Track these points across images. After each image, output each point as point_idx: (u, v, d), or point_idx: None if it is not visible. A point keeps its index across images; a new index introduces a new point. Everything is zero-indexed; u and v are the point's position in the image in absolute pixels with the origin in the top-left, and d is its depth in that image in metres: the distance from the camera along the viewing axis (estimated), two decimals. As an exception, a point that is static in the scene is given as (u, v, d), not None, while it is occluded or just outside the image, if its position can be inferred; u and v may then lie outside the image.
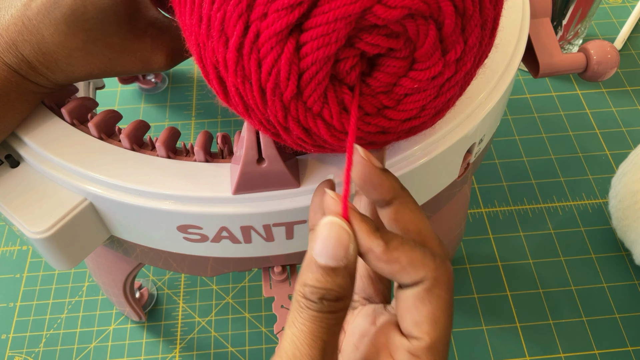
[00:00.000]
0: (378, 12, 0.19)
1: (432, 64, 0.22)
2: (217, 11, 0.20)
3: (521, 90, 0.64)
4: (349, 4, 0.19)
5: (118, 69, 0.29)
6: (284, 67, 0.20)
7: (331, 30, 0.19)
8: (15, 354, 0.48)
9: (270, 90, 0.21)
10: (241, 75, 0.21)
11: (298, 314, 0.19)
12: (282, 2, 0.19)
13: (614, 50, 0.37)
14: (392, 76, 0.22)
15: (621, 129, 0.61)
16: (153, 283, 0.51)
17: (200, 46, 0.22)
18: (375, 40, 0.21)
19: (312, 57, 0.20)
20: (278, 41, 0.20)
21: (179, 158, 0.30)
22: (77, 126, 0.31)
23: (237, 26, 0.20)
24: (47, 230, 0.28)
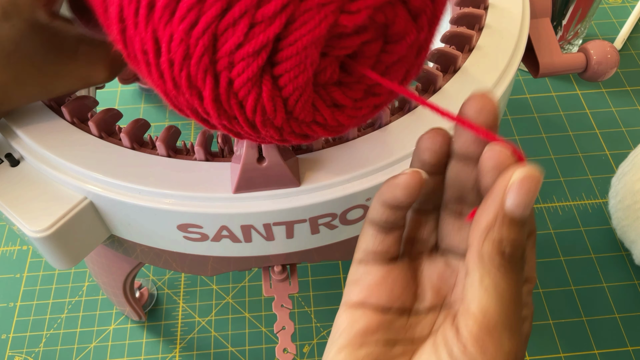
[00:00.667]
0: (344, 22, 0.18)
1: (405, 34, 0.21)
2: (179, 71, 0.19)
3: (521, 90, 0.64)
4: (313, 29, 0.18)
5: (58, 91, 0.29)
6: (267, 103, 0.20)
7: (303, 58, 0.19)
8: (16, 353, 0.48)
9: (260, 123, 0.21)
10: (225, 117, 0.21)
11: (502, 275, 0.19)
12: (246, 51, 0.18)
13: (613, 50, 0.37)
14: (370, 59, 0.22)
15: (621, 129, 0.61)
16: (153, 283, 0.51)
17: (171, 96, 0.21)
18: (348, 43, 0.20)
19: (291, 85, 0.19)
20: (254, 84, 0.19)
21: (180, 157, 0.30)
22: (77, 125, 0.31)
23: (206, 81, 0.19)
24: (47, 229, 0.28)
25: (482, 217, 0.19)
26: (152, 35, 0.19)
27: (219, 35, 0.18)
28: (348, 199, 0.29)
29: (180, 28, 0.18)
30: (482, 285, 0.19)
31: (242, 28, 0.18)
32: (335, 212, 0.29)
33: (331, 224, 0.31)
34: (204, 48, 0.18)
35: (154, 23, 0.19)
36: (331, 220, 0.30)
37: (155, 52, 0.20)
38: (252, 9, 0.18)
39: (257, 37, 0.18)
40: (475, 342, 0.19)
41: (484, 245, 0.19)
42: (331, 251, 0.33)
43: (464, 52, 0.33)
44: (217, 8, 0.18)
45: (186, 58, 0.19)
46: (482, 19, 0.34)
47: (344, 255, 0.34)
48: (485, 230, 0.19)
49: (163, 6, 0.18)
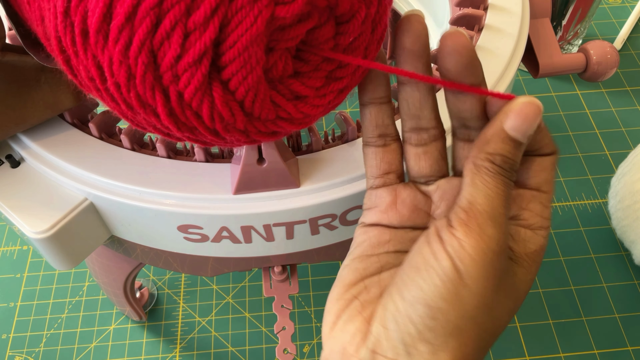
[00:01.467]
0: (281, 14, 0.18)
1: (355, 11, 0.21)
2: (128, 92, 0.19)
3: (521, 90, 0.64)
4: (250, 27, 0.18)
5: (29, 121, 0.29)
6: (222, 109, 0.19)
7: (247, 58, 0.18)
8: (16, 353, 0.48)
9: (222, 130, 0.20)
10: (186, 129, 0.20)
11: (490, 178, 0.21)
12: (186, 61, 0.18)
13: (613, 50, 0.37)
14: (326, 43, 0.21)
15: (621, 129, 0.61)
16: (153, 283, 0.51)
17: (130, 117, 0.21)
18: (292, 34, 0.20)
19: (242, 87, 0.19)
20: (204, 93, 0.19)
21: (180, 158, 0.30)
22: (78, 126, 0.31)
23: (156, 97, 0.19)
24: (48, 230, 0.28)
25: (482, 135, 0.22)
26: (94, 61, 0.19)
27: (156, 50, 0.18)
28: (348, 199, 0.29)
29: (117, 50, 0.18)
30: (473, 183, 0.22)
31: (177, 39, 0.18)
32: (335, 212, 0.30)
33: (331, 225, 0.31)
34: (145, 66, 0.18)
35: (92, 49, 0.19)
36: (331, 221, 0.30)
37: (100, 77, 0.19)
38: (182, 19, 0.17)
39: (194, 46, 0.18)
40: (461, 226, 0.21)
41: (479, 155, 0.22)
42: (331, 251, 0.33)
43: (464, 52, 0.33)
44: (147, 24, 0.17)
45: (130, 78, 0.19)
46: (481, 20, 0.34)
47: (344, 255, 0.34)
48: (482, 143, 0.22)
49: (95, 31, 0.18)
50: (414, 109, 0.24)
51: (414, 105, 0.24)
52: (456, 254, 0.20)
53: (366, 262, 0.24)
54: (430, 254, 0.21)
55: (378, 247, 0.25)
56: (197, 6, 0.17)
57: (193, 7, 0.17)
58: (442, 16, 0.43)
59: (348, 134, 0.30)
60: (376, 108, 0.25)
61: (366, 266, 0.24)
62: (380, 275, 0.24)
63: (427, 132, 0.25)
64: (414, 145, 0.25)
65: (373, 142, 0.25)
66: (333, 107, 0.24)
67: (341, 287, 0.24)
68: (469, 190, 0.22)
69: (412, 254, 0.22)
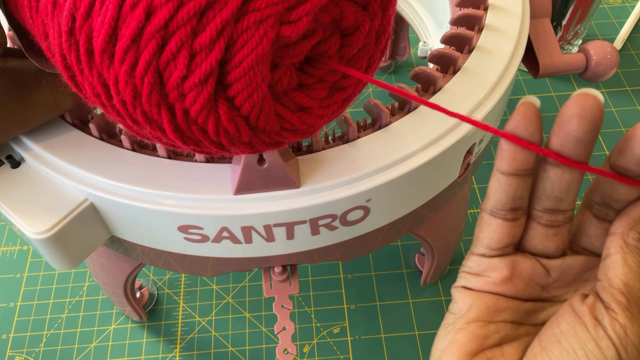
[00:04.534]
0: (287, 34, 0.18)
1: (359, 24, 0.21)
2: (134, 109, 0.19)
3: (521, 90, 0.64)
4: (256, 47, 0.18)
5: (30, 124, 0.29)
6: (228, 124, 0.19)
7: (252, 76, 0.18)
8: (16, 353, 0.48)
9: (228, 143, 0.20)
10: (191, 143, 0.20)
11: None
12: (192, 81, 0.18)
13: (613, 50, 0.37)
14: (332, 57, 0.21)
15: (621, 129, 0.61)
16: (153, 283, 0.51)
17: (135, 130, 0.21)
18: (297, 50, 0.20)
19: (248, 104, 0.19)
20: (209, 110, 0.19)
21: (180, 158, 0.30)
22: (79, 127, 0.31)
23: (162, 114, 0.19)
24: (48, 231, 0.28)
25: (631, 212, 0.21)
26: (99, 79, 0.19)
27: (162, 70, 0.18)
28: (348, 200, 0.29)
29: (122, 70, 0.18)
30: (626, 263, 0.20)
31: (183, 60, 0.18)
32: (335, 213, 0.30)
33: (331, 225, 0.31)
34: (151, 85, 0.18)
35: (97, 68, 0.19)
36: (331, 222, 0.30)
37: (106, 94, 0.19)
38: (188, 40, 0.17)
39: (200, 67, 0.18)
40: (623, 310, 0.20)
41: (630, 233, 0.21)
42: (331, 251, 0.33)
43: (464, 52, 0.33)
44: (153, 46, 0.17)
45: (136, 97, 0.19)
46: (482, 20, 0.34)
47: (344, 256, 0.34)
48: (633, 222, 0.21)
49: (101, 51, 0.18)
50: (559, 191, 0.22)
51: (560, 188, 0.22)
52: (621, 342, 0.19)
53: (485, 330, 0.23)
54: (590, 339, 0.20)
55: (496, 315, 0.23)
56: (203, 28, 0.17)
57: (199, 29, 0.17)
58: (443, 16, 0.43)
59: (348, 135, 0.30)
60: (519, 180, 0.22)
61: (486, 334, 0.23)
62: (502, 348, 0.22)
63: (564, 214, 0.23)
64: (543, 225, 0.23)
65: (503, 215, 0.23)
66: (336, 116, 0.24)
67: (461, 354, 0.22)
68: (622, 270, 0.20)
69: (561, 336, 0.21)
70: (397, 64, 0.67)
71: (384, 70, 0.66)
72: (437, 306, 0.50)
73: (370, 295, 0.50)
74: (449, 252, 0.47)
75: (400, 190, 0.30)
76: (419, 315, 0.49)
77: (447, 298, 0.50)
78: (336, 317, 0.49)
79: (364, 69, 0.23)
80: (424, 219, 0.36)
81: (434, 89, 0.31)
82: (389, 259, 0.52)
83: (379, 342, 0.47)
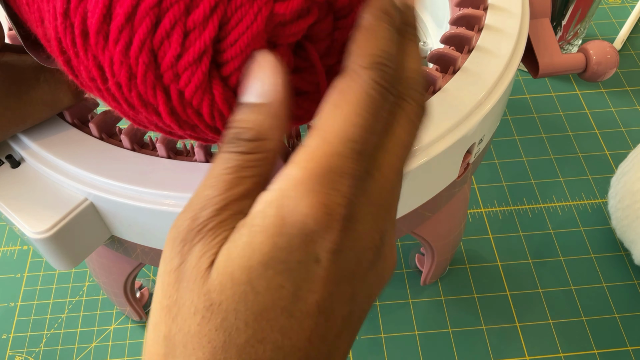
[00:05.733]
0: (281, 10, 0.18)
1: (353, 6, 0.21)
2: (129, 92, 0.19)
3: (521, 90, 0.64)
4: (250, 25, 0.18)
5: (28, 122, 0.29)
6: (222, 106, 0.19)
7: (249, 54, 0.18)
8: (16, 353, 0.48)
9: (223, 127, 0.20)
10: (188, 127, 0.20)
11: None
12: (187, 60, 0.18)
13: (613, 50, 0.37)
14: (325, 39, 0.21)
15: (620, 129, 0.61)
16: (153, 283, 0.51)
17: (131, 116, 0.21)
18: (294, 29, 0.20)
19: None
20: (204, 91, 0.19)
21: (180, 158, 0.30)
22: (78, 126, 0.31)
23: (157, 96, 0.19)
24: (48, 231, 0.28)
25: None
26: (94, 61, 0.19)
27: (157, 49, 0.18)
28: (348, 199, 0.29)
29: (117, 50, 0.18)
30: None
31: (177, 38, 0.18)
32: (335, 212, 0.29)
33: (331, 225, 0.31)
34: (145, 65, 0.18)
35: (92, 50, 0.19)
36: (331, 221, 0.30)
37: (101, 77, 0.19)
38: (182, 18, 0.17)
39: (194, 45, 0.18)
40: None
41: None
42: (331, 251, 0.33)
43: (464, 52, 0.33)
44: (147, 23, 0.17)
45: (131, 78, 0.19)
46: (481, 20, 0.34)
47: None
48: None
49: (95, 32, 0.18)
50: None
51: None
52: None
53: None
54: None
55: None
56: (196, 5, 0.17)
57: (192, 6, 0.17)
58: (442, 16, 0.43)
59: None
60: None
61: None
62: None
63: None
64: None
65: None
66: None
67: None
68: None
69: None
70: (397, 64, 0.67)
71: (384, 71, 0.66)
72: (437, 306, 0.50)
73: (370, 295, 0.50)
74: (449, 251, 0.47)
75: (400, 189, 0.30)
76: (419, 315, 0.49)
77: (447, 298, 0.50)
78: (336, 317, 0.48)
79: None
80: (423, 218, 0.36)
81: (433, 89, 0.31)
82: (389, 259, 0.52)
83: (379, 342, 0.47)
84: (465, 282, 0.51)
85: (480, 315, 0.49)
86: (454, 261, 0.52)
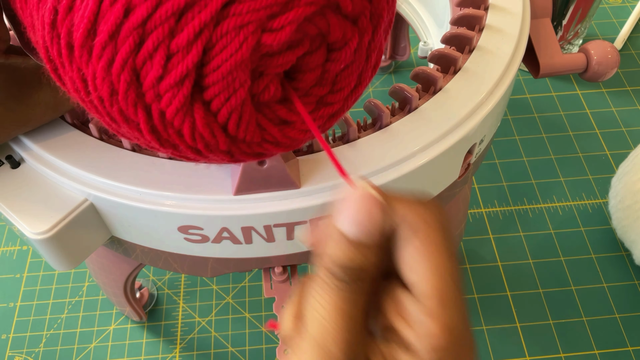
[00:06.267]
0: (268, 42, 0.18)
1: (347, 40, 0.20)
2: (111, 107, 0.19)
3: (521, 90, 0.64)
4: (235, 52, 0.18)
5: (30, 124, 0.29)
6: (203, 130, 0.19)
7: (230, 81, 0.18)
8: (16, 354, 0.48)
9: (204, 149, 0.20)
10: (169, 146, 0.20)
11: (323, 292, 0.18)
12: (168, 82, 0.18)
13: (614, 50, 0.37)
14: (315, 70, 0.21)
15: (621, 129, 0.61)
16: (153, 283, 0.51)
17: (114, 128, 0.21)
18: (282, 60, 0.19)
19: (225, 109, 0.19)
20: (185, 113, 0.19)
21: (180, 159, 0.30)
22: (78, 127, 0.31)
23: (138, 114, 0.19)
24: (48, 231, 0.28)
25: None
26: (79, 74, 0.19)
27: (139, 69, 0.18)
28: (349, 200, 0.29)
29: (100, 66, 0.18)
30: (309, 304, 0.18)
31: (159, 60, 0.17)
32: (335, 213, 0.29)
33: (332, 225, 0.30)
34: (127, 83, 0.18)
35: (77, 62, 0.19)
36: (332, 222, 0.30)
37: (84, 90, 0.19)
38: (165, 40, 0.17)
39: (176, 68, 0.18)
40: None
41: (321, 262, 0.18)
42: (331, 252, 0.33)
43: (465, 52, 0.33)
44: (130, 43, 0.17)
45: (113, 94, 0.19)
46: (482, 20, 0.34)
47: (345, 256, 0.34)
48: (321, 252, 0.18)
49: (80, 46, 0.18)
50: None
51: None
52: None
53: None
54: None
55: None
56: (181, 29, 0.17)
57: (177, 30, 0.17)
58: (443, 16, 0.43)
59: (349, 135, 0.30)
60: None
61: None
62: None
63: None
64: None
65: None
66: (324, 131, 0.24)
67: None
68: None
69: None
70: (397, 64, 0.67)
71: (384, 70, 0.66)
72: (437, 306, 0.49)
73: (370, 295, 0.50)
74: (449, 252, 0.47)
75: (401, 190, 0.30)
76: (419, 316, 0.49)
77: (447, 298, 0.50)
78: (336, 317, 0.48)
79: (353, 85, 0.22)
80: (424, 219, 0.36)
81: (434, 89, 0.31)
82: (389, 259, 0.52)
83: (379, 342, 0.47)
84: (465, 282, 0.51)
85: (480, 315, 0.49)
86: (454, 261, 0.52)
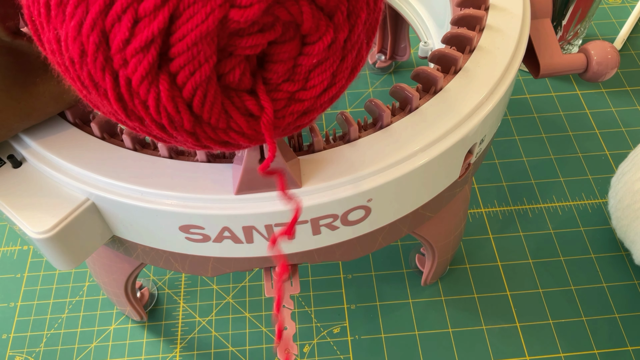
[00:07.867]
0: (236, 17, 0.18)
1: (321, 34, 0.20)
2: (81, 69, 0.19)
3: (521, 90, 0.64)
4: (200, 23, 0.18)
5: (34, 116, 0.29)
6: (168, 103, 0.19)
7: (195, 53, 0.18)
8: (16, 353, 0.48)
9: (169, 126, 0.20)
10: (135, 118, 0.20)
11: None
12: (134, 47, 0.18)
13: (614, 50, 0.37)
14: (286, 62, 0.21)
15: (621, 129, 0.61)
16: (154, 283, 0.51)
17: (88, 98, 0.21)
18: (251, 42, 0.20)
19: (190, 84, 0.19)
20: (150, 82, 0.19)
21: (182, 158, 0.30)
22: (80, 126, 0.31)
23: (106, 79, 0.19)
24: (50, 231, 0.28)
25: None
26: (54, 34, 0.19)
27: (108, 31, 0.18)
28: (350, 200, 0.29)
29: (72, 25, 0.18)
30: None
31: (127, 23, 0.18)
32: (336, 213, 0.30)
33: (332, 225, 0.31)
34: (96, 45, 0.18)
35: (53, 22, 0.19)
36: (332, 221, 0.30)
37: (59, 51, 0.20)
38: (134, 4, 0.18)
39: (142, 32, 0.18)
40: None
41: None
42: (332, 251, 0.33)
43: (465, 53, 0.33)
44: (100, 3, 0.18)
45: (83, 55, 0.19)
46: (482, 20, 0.34)
47: (344, 256, 0.34)
48: None
49: (56, 4, 0.19)
50: None
51: None
52: None
53: None
54: None
55: None
56: None
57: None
58: (443, 16, 0.43)
59: (349, 134, 0.30)
60: None
61: None
62: None
63: None
64: None
65: None
66: (297, 130, 0.24)
67: None
68: None
69: None
70: (397, 64, 0.67)
71: (384, 71, 0.66)
72: (437, 306, 0.50)
73: (370, 295, 0.50)
74: (450, 252, 0.47)
75: (401, 190, 0.30)
76: (419, 315, 0.49)
77: (447, 298, 0.50)
78: (336, 317, 0.49)
79: (326, 84, 0.22)
80: (424, 219, 0.36)
81: (435, 89, 0.31)
82: (389, 259, 0.52)
83: (379, 342, 0.47)
84: (465, 282, 0.51)
85: (480, 315, 0.49)
86: (454, 261, 0.52)
